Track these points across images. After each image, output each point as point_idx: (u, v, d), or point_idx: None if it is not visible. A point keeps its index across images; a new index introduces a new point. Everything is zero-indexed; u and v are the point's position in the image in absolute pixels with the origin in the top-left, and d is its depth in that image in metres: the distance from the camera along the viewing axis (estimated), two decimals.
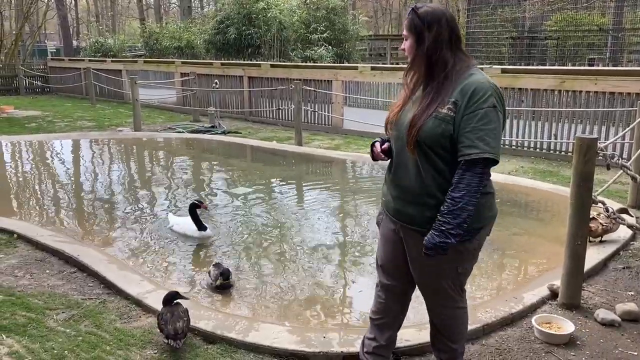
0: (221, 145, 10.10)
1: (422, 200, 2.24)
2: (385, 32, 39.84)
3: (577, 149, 3.28)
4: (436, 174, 2.20)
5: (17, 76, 19.67)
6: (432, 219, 2.19)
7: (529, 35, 19.69)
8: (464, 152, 2.11)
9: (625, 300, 3.60)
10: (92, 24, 36.69)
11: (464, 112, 2.11)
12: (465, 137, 2.10)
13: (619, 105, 7.73)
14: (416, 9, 2.23)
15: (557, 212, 5.84)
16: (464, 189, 2.10)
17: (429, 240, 2.16)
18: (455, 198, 2.11)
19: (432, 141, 2.15)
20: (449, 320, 2.52)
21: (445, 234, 2.12)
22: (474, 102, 2.10)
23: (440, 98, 2.16)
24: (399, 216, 2.35)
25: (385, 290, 2.58)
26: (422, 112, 2.18)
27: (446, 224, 2.12)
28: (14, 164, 8.73)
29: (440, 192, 2.19)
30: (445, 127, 2.13)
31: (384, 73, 11.19)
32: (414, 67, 2.26)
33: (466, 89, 2.12)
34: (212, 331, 3.15)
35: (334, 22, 19.94)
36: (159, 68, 16.16)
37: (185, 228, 5.03)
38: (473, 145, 2.08)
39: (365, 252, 4.70)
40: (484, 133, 2.08)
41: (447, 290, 2.40)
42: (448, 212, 2.12)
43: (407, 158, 2.26)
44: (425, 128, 2.15)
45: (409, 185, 2.27)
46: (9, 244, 4.69)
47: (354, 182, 7.72)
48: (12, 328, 3.22)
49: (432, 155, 2.18)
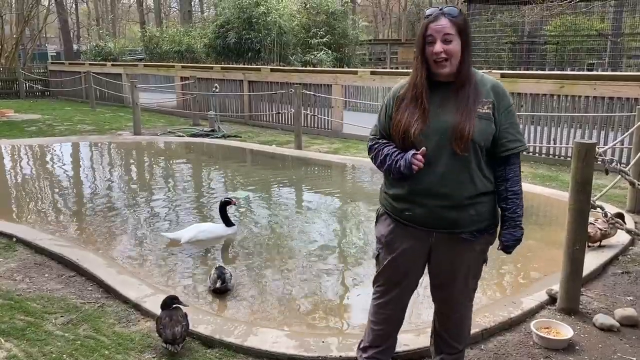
0: (221, 149, 10.11)
1: (468, 202, 2.21)
2: (385, 37, 39.90)
3: (576, 153, 3.29)
4: (481, 174, 2.24)
5: (17, 80, 19.69)
6: (475, 217, 2.24)
7: (528, 40, 19.75)
8: (509, 146, 2.23)
9: (624, 305, 3.60)
10: (92, 27, 36.76)
11: (501, 109, 2.22)
12: (507, 132, 2.23)
13: (617, 110, 7.74)
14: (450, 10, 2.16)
15: (555, 216, 5.84)
16: (519, 180, 2.29)
17: (511, 238, 2.31)
18: (517, 191, 2.28)
19: (485, 141, 2.20)
20: (465, 320, 2.54)
21: (520, 226, 2.31)
22: (505, 100, 2.24)
23: (478, 98, 2.19)
24: (437, 223, 2.25)
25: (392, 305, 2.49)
26: (468, 113, 2.16)
27: (519, 217, 2.29)
28: (13, 168, 8.73)
29: (484, 192, 2.25)
30: (489, 125, 2.20)
31: (384, 77, 11.21)
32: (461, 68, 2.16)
33: (496, 89, 2.24)
34: (210, 335, 3.14)
35: (333, 27, 19.99)
36: (159, 72, 16.19)
37: (213, 232, 5.08)
38: (516, 139, 2.25)
39: (364, 257, 4.70)
40: (518, 128, 2.29)
41: (470, 289, 2.46)
42: (517, 206, 2.28)
43: (448, 163, 2.18)
44: (478, 129, 2.16)
45: (457, 190, 2.19)
46: (8, 247, 4.69)
47: (353, 186, 7.72)
48: (11, 332, 3.22)
49: (480, 154, 2.22)
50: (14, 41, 22.77)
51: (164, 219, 5.81)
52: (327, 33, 19.41)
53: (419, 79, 2.21)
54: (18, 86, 19.74)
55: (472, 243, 2.29)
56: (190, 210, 6.19)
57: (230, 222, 5.18)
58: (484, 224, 2.29)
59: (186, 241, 4.88)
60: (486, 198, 2.26)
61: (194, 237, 4.93)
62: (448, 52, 2.12)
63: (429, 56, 2.16)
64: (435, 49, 2.12)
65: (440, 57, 2.12)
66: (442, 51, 2.11)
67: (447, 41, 2.12)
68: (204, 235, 5.01)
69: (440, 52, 2.11)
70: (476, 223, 2.26)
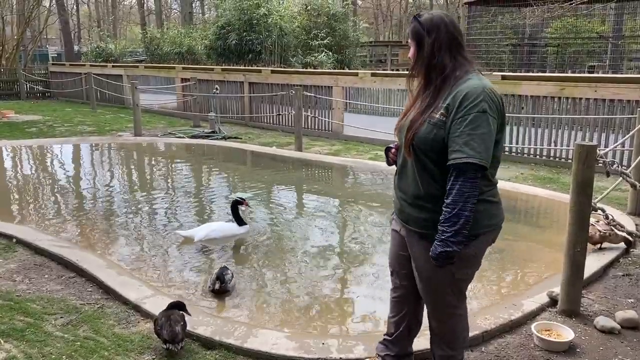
0: (221, 150, 10.11)
1: (418, 203, 2.30)
2: (386, 39, 39.94)
3: (576, 155, 3.28)
4: (431, 180, 2.24)
5: (18, 81, 19.70)
6: (428, 222, 2.25)
7: (529, 43, 19.77)
8: (450, 156, 2.11)
9: (625, 307, 3.59)
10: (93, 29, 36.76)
11: (454, 116, 2.12)
12: (453, 141, 2.11)
13: (618, 113, 7.74)
14: (418, 16, 2.29)
15: (556, 218, 5.84)
16: (456, 195, 2.10)
17: (433, 250, 2.17)
18: (449, 205, 2.12)
19: (425, 146, 2.20)
20: (448, 325, 2.51)
21: (446, 242, 2.13)
22: (464, 106, 2.10)
23: (435, 103, 2.20)
24: (401, 216, 2.42)
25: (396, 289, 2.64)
26: (418, 116, 2.24)
27: (445, 232, 2.13)
28: (13, 169, 8.73)
29: (436, 198, 2.22)
30: (437, 132, 2.16)
31: (385, 79, 11.21)
32: (415, 72, 2.32)
33: (458, 94, 2.13)
34: (210, 337, 3.14)
35: (334, 29, 20.02)
36: (160, 73, 16.19)
37: (225, 231, 5.13)
38: (459, 150, 2.08)
39: (364, 259, 4.69)
40: (471, 138, 2.07)
41: (445, 295, 2.40)
42: (445, 220, 2.14)
43: (407, 162, 2.32)
44: (420, 133, 2.21)
45: (408, 188, 2.34)
46: (8, 248, 4.68)
47: (354, 188, 7.72)
48: (10, 333, 3.21)
49: (426, 160, 2.22)
50: (15, 42, 22.77)
51: (165, 220, 5.80)
52: (327, 35, 19.43)
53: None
54: (19, 87, 19.75)
55: (427, 245, 2.25)
56: (189, 211, 6.19)
57: (243, 222, 5.23)
58: (428, 231, 2.25)
59: (199, 239, 4.93)
60: (437, 205, 2.19)
61: (206, 236, 4.98)
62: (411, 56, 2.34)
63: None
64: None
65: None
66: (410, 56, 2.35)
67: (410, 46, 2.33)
68: (216, 234, 5.06)
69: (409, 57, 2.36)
70: (421, 227, 2.31)
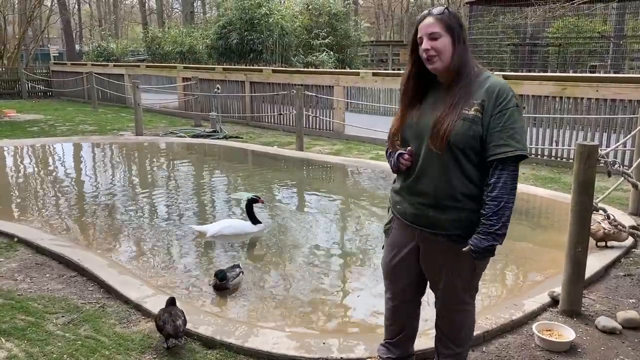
0: (222, 150, 10.11)
1: (446, 204, 2.23)
2: (387, 38, 39.93)
3: (578, 155, 3.28)
4: (463, 176, 2.20)
5: (20, 80, 19.71)
6: (459, 221, 2.23)
7: (531, 42, 19.74)
8: (495, 151, 2.14)
9: (626, 307, 3.59)
10: (94, 28, 36.83)
11: (492, 112, 2.14)
12: (496, 136, 2.14)
13: (620, 112, 7.73)
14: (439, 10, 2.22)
15: (558, 218, 5.83)
16: (502, 188, 2.13)
17: (477, 244, 2.16)
18: (495, 198, 2.14)
19: (464, 143, 2.16)
20: (458, 322, 2.52)
21: (493, 235, 2.14)
22: (500, 102, 2.15)
23: (466, 99, 2.17)
24: (420, 221, 2.32)
25: (394, 297, 2.59)
26: (449, 113, 2.17)
27: (492, 226, 2.14)
28: (15, 168, 8.74)
29: (466, 195, 2.21)
30: (475, 128, 2.15)
31: (386, 79, 11.19)
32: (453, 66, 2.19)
33: (491, 90, 2.16)
34: (211, 336, 3.14)
35: (336, 28, 20.01)
36: (161, 73, 16.20)
37: (237, 228, 5.19)
38: (505, 144, 2.12)
39: (365, 258, 4.70)
40: (514, 131, 2.13)
41: (462, 292, 2.42)
42: (493, 213, 2.14)
43: (431, 162, 2.23)
44: (456, 130, 2.15)
45: (433, 190, 2.24)
46: (9, 247, 4.69)
47: (355, 187, 7.71)
48: (12, 332, 3.21)
49: (461, 157, 2.18)
50: (17, 41, 22.77)
51: (166, 219, 5.80)
52: (329, 34, 19.42)
53: (403, 78, 2.34)
54: (20, 86, 19.76)
55: (454, 245, 2.27)
56: (190, 210, 6.19)
57: (257, 220, 5.27)
58: (463, 231, 2.24)
59: (211, 235, 5.03)
60: (472, 203, 2.21)
61: (219, 232, 5.07)
62: (435, 48, 2.17)
63: (421, 55, 2.23)
64: (423, 46, 2.20)
65: (429, 53, 2.18)
66: (430, 48, 2.17)
67: (434, 38, 2.17)
68: (229, 230, 5.13)
69: (428, 48, 2.18)
70: (455, 228, 2.25)
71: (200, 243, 5.03)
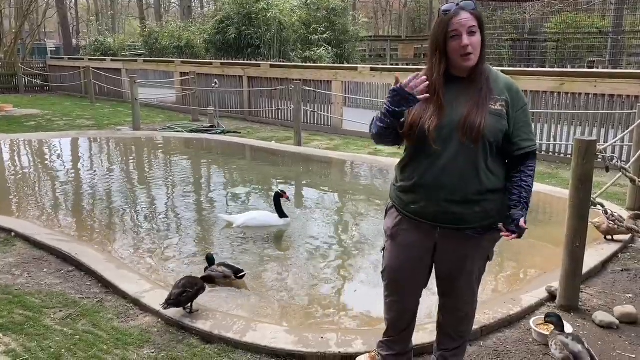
0: (220, 145, 10.09)
1: (474, 198, 2.21)
2: (385, 34, 39.84)
3: (576, 151, 3.28)
4: (488, 171, 2.21)
5: (17, 75, 19.65)
6: (484, 213, 2.24)
7: (529, 37, 19.71)
8: (522, 145, 2.23)
9: (623, 302, 3.60)
10: (92, 23, 36.64)
11: (516, 108, 2.22)
12: (522, 131, 2.23)
13: (618, 108, 7.73)
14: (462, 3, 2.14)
15: (555, 214, 5.84)
16: (532, 177, 2.27)
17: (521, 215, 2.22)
18: (530, 185, 2.26)
19: (495, 137, 2.18)
20: (470, 315, 2.55)
21: (525, 216, 2.23)
22: (519, 98, 2.24)
23: (490, 94, 2.18)
24: (443, 218, 2.25)
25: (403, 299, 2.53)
26: (479, 108, 2.15)
27: (525, 208, 2.24)
28: (12, 163, 8.71)
29: (493, 189, 2.23)
30: (503, 122, 2.19)
31: (384, 74, 11.17)
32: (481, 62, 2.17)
33: (509, 86, 2.23)
34: (209, 331, 3.14)
35: (334, 23, 19.93)
36: (159, 67, 16.15)
37: (264, 220, 5.31)
38: (530, 139, 2.26)
39: (363, 254, 4.70)
40: (531, 127, 2.31)
41: (475, 284, 2.45)
42: (527, 198, 2.25)
43: (456, 157, 2.17)
44: (488, 124, 2.15)
45: (457, 184, 2.19)
46: (7, 242, 4.68)
47: (353, 182, 7.71)
48: (10, 326, 3.21)
49: (489, 151, 2.20)
50: (13, 36, 22.70)
51: (163, 213, 5.80)
52: (327, 29, 19.35)
53: (436, 75, 2.18)
54: (17, 81, 19.69)
55: (477, 239, 2.29)
56: (188, 204, 6.18)
57: (284, 214, 5.32)
58: (488, 221, 2.26)
59: (238, 225, 5.19)
60: (493, 195, 2.24)
61: (244, 223, 5.21)
62: (473, 44, 2.12)
63: (452, 51, 2.13)
64: (463, 42, 2.10)
65: (468, 50, 2.11)
66: (469, 44, 2.10)
67: (472, 33, 2.12)
68: (254, 222, 5.25)
69: (468, 44, 2.10)
70: (481, 220, 2.25)
71: (197, 237, 5.03)
